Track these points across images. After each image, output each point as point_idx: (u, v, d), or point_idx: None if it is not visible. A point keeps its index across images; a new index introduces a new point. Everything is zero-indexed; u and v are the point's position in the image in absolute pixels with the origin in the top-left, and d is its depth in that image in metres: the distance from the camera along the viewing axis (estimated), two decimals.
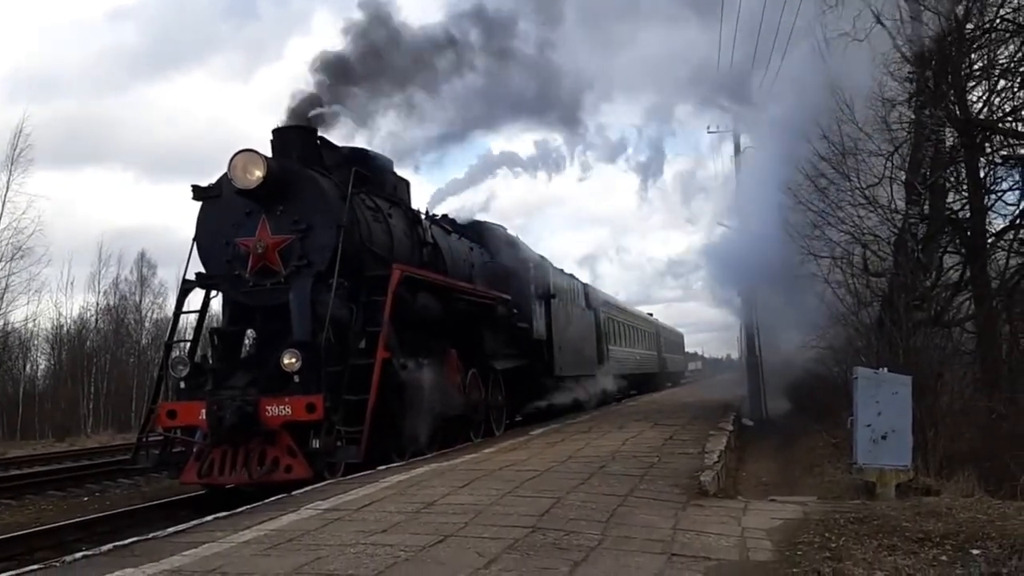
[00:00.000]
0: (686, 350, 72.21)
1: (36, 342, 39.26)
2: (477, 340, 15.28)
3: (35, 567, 5.53)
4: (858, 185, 13.49)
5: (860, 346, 13.69)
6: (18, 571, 5.46)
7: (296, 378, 10.28)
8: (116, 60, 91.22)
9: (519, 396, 17.98)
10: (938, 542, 5.91)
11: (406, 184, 14.41)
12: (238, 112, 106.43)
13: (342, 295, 10.90)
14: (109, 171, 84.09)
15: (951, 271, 13.71)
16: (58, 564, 5.54)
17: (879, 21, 12.93)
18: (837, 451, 11.22)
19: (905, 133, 13.13)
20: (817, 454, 12.47)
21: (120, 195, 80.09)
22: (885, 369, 9.03)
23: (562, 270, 22.98)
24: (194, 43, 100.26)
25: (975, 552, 5.70)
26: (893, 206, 13.29)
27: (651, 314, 47.56)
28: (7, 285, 31.78)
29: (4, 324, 32.78)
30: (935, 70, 12.46)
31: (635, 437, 13.05)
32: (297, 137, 11.90)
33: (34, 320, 36.64)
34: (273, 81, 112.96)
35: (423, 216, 14.59)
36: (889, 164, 13.20)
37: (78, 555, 5.81)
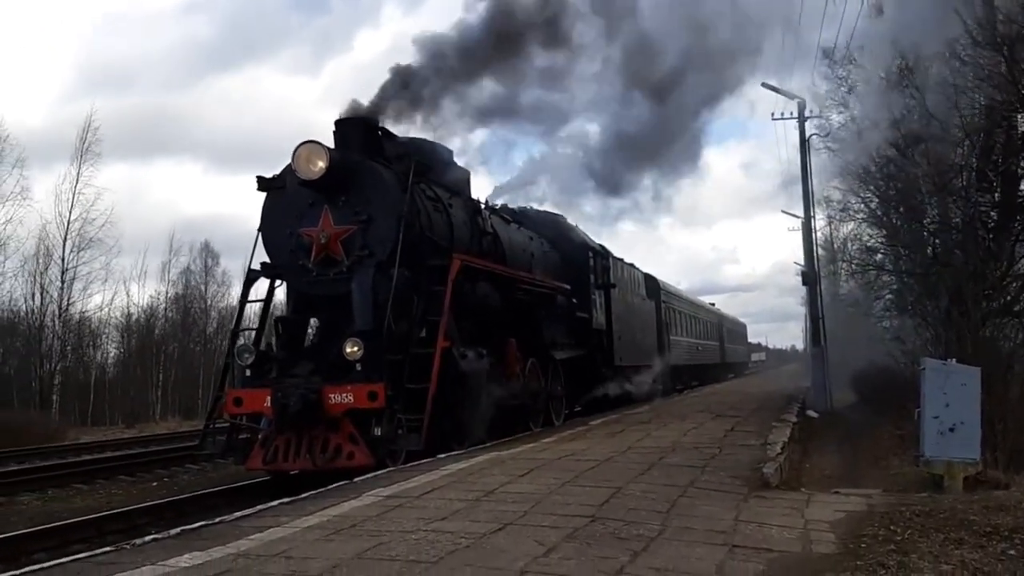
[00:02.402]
0: (749, 340, 71.46)
1: (107, 330, 40.23)
2: (536, 330, 15.28)
3: (107, 549, 5.67)
4: (928, 172, 13.21)
5: (928, 337, 13.44)
6: (91, 552, 5.64)
7: (358, 366, 10.38)
8: (187, 53, 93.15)
9: (579, 386, 17.95)
10: (1007, 536, 5.77)
11: (466, 174, 14.46)
12: (306, 104, 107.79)
13: (403, 284, 10.98)
14: (179, 163, 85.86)
15: (1023, 260, 13.39)
16: (129, 547, 5.66)
17: None
18: (903, 443, 11.02)
19: (976, 120, 12.80)
20: (883, 446, 12.24)
21: (190, 186, 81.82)
22: (953, 360, 8.85)
23: (622, 259, 22.84)
24: (264, 36, 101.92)
25: None
26: (964, 194, 13.00)
27: (713, 304, 47.27)
28: (75, 275, 32.83)
29: (66, 312, 33.65)
30: (1007, 55, 12.12)
31: (696, 428, 12.96)
32: (359, 128, 11.97)
33: (107, 308, 37.58)
34: (341, 73, 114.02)
35: (483, 206, 14.62)
36: (960, 151, 12.91)
37: (148, 538, 5.95)
